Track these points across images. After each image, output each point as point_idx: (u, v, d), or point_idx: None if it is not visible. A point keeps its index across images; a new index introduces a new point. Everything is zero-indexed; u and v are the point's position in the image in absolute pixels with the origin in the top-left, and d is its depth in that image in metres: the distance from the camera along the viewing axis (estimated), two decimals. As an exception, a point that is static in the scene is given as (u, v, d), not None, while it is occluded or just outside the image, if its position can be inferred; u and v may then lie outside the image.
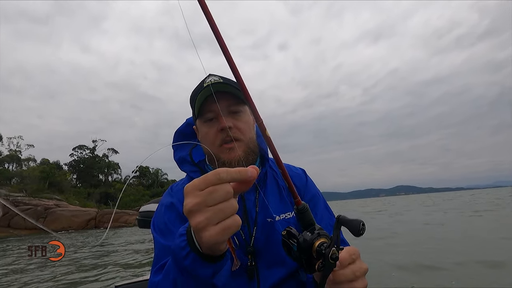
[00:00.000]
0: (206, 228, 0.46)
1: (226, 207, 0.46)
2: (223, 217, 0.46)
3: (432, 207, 22.54)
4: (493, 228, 8.87)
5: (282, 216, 0.91)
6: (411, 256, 5.94)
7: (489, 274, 4.49)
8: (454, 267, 5.00)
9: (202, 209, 0.46)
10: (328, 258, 0.57)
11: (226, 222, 0.47)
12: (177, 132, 1.05)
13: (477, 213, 14.11)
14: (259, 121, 0.64)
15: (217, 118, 0.86)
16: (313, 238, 0.61)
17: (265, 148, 0.97)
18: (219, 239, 0.47)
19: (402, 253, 6.22)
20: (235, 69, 0.60)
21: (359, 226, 0.56)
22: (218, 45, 0.58)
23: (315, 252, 0.60)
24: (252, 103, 0.63)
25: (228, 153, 0.85)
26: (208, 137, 0.87)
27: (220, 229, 0.46)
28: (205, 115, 0.87)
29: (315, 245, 0.60)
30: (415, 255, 5.93)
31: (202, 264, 0.53)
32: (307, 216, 0.64)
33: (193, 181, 0.48)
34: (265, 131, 0.64)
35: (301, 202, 0.65)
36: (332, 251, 0.57)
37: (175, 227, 0.83)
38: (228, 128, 0.83)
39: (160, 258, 0.78)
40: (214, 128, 0.86)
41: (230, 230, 0.47)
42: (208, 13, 0.56)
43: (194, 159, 0.97)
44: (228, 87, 0.85)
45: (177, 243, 0.56)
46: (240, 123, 0.88)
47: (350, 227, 0.57)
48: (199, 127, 0.91)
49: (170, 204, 0.90)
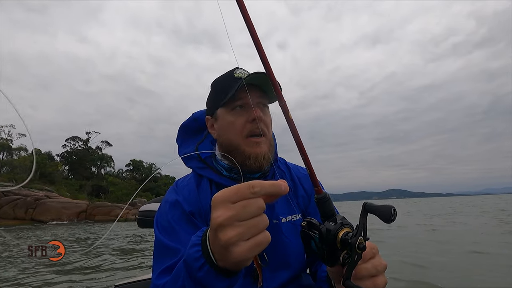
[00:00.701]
0: (237, 243, 0.44)
1: (258, 223, 0.44)
2: (255, 233, 0.44)
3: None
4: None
5: (288, 218, 0.89)
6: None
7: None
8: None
9: (234, 223, 0.43)
10: (355, 247, 0.54)
11: (257, 238, 0.44)
12: (182, 126, 1.01)
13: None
14: (283, 102, 0.61)
15: (246, 107, 0.83)
16: (337, 228, 0.58)
17: (275, 148, 0.95)
18: (249, 256, 0.45)
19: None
20: (263, 54, 0.60)
21: (390, 212, 0.52)
22: (218, 42, 0.56)
23: (340, 242, 0.57)
24: (276, 85, 0.61)
25: (254, 147, 0.82)
26: (234, 127, 0.83)
27: (251, 245, 0.44)
28: (234, 103, 0.83)
29: (340, 235, 0.57)
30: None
31: (216, 278, 0.50)
32: (327, 205, 0.61)
33: (224, 192, 0.45)
34: (289, 113, 0.61)
35: (322, 191, 0.62)
36: (359, 240, 0.54)
37: (179, 226, 0.80)
38: (259, 119, 0.81)
39: (161, 258, 0.75)
40: (243, 118, 0.83)
41: (261, 246, 0.45)
42: (243, 7, 0.57)
43: (200, 155, 0.94)
44: (263, 80, 0.82)
45: (191, 253, 0.53)
46: (267, 118, 0.86)
47: (380, 213, 0.54)
48: (222, 115, 0.86)
49: (175, 201, 0.85)
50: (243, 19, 0.61)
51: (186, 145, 0.98)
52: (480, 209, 20.51)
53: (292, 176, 0.99)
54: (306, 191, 0.97)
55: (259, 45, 0.60)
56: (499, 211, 18.78)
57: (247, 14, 0.60)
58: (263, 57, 0.61)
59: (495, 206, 22.89)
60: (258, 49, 0.60)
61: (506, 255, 5.88)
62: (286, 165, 1.03)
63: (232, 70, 0.88)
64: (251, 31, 0.60)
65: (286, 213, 0.89)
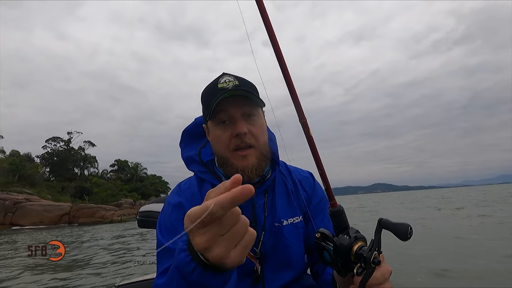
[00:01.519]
0: (228, 255, 0.44)
1: (238, 230, 0.43)
2: (239, 238, 0.44)
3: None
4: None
5: (290, 220, 0.91)
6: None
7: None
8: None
9: (216, 240, 0.43)
10: (370, 262, 0.56)
11: (244, 241, 0.44)
12: (184, 131, 1.02)
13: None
14: (303, 120, 0.62)
15: (231, 122, 0.83)
16: (351, 241, 0.60)
17: (275, 152, 0.95)
18: (242, 258, 0.45)
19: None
20: (285, 68, 0.59)
21: (406, 230, 0.54)
22: (203, 38, 0.60)
23: (354, 255, 0.59)
24: (298, 102, 0.62)
25: (241, 160, 0.82)
26: (221, 141, 0.84)
27: (241, 249, 0.44)
28: (218, 116, 0.83)
29: (354, 248, 0.59)
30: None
31: (211, 276, 0.50)
32: (341, 218, 0.63)
33: (189, 216, 0.43)
34: (309, 131, 0.62)
35: (337, 204, 0.63)
36: (374, 254, 0.56)
37: (181, 228, 0.80)
38: (244, 134, 0.81)
39: (164, 259, 0.76)
40: (228, 132, 0.83)
41: (249, 246, 0.45)
42: (263, 7, 0.57)
43: (202, 158, 0.95)
44: (244, 92, 0.82)
45: (181, 258, 0.52)
46: (255, 128, 0.84)
47: (396, 231, 0.56)
48: (211, 128, 0.87)
49: (177, 203, 0.87)
50: (262, 21, 0.59)
51: (189, 148, 0.99)
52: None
53: (293, 179, 1.01)
54: (307, 194, 0.98)
55: (278, 51, 0.60)
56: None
57: (266, 16, 0.59)
58: (283, 66, 0.60)
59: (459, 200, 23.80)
60: (277, 56, 0.60)
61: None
62: (286, 168, 1.04)
63: (217, 78, 0.88)
64: (272, 38, 0.59)
65: (287, 216, 0.91)
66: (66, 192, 47.06)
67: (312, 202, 0.97)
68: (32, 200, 34.65)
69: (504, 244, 5.91)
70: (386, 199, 40.60)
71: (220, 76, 0.87)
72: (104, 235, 15.99)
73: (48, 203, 35.20)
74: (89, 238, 14.44)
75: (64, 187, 48.69)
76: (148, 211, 1.34)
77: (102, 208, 38.12)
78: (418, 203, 24.03)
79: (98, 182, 53.54)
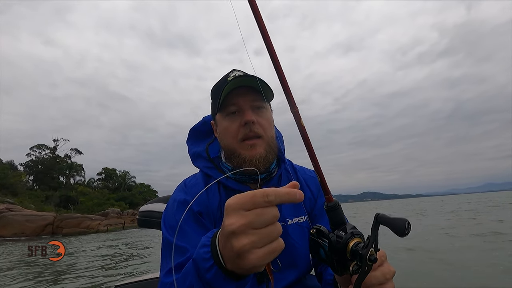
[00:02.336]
0: (250, 251, 0.43)
1: (272, 231, 0.44)
2: (269, 241, 0.44)
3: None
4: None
5: (295, 220, 0.89)
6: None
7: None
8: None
9: (248, 231, 0.43)
10: (366, 259, 0.53)
11: (271, 246, 0.44)
12: (192, 129, 1.02)
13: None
14: (295, 109, 0.59)
15: (240, 112, 0.83)
16: (347, 237, 0.57)
17: (282, 149, 0.95)
18: (262, 263, 0.44)
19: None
20: (275, 57, 0.58)
21: (404, 225, 0.52)
22: (193, 46, 0.56)
23: (350, 252, 0.56)
24: (289, 90, 0.60)
25: (249, 150, 0.81)
26: (229, 132, 0.84)
27: (265, 253, 0.43)
28: (227, 108, 0.84)
29: (350, 245, 0.56)
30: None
31: (225, 280, 0.50)
32: (338, 213, 0.60)
33: (237, 198, 0.44)
34: (301, 121, 0.60)
35: (333, 198, 0.61)
36: (370, 251, 0.54)
37: (187, 226, 0.80)
38: (252, 123, 0.80)
39: (169, 257, 0.75)
40: (237, 122, 0.83)
41: (274, 254, 0.44)
42: (256, 10, 0.55)
43: (209, 154, 0.94)
44: (253, 81, 0.81)
45: (200, 253, 0.53)
46: (263, 120, 0.84)
47: (393, 226, 0.53)
48: (219, 121, 0.87)
49: (183, 201, 0.85)
50: (255, 21, 0.58)
51: (197, 145, 0.99)
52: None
53: (298, 178, 0.99)
54: (313, 193, 0.97)
55: (271, 49, 0.58)
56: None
57: (259, 16, 0.57)
58: (275, 60, 0.58)
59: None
60: (270, 52, 0.58)
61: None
62: (292, 166, 1.03)
63: (227, 73, 0.88)
64: (264, 34, 0.57)
65: (292, 215, 0.89)
66: (50, 201, 45.50)
67: (317, 202, 0.96)
68: (14, 210, 33.31)
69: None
70: (383, 208, 40.61)
71: (230, 72, 0.88)
72: (91, 245, 15.44)
73: (31, 213, 33.90)
74: (74, 250, 13.92)
75: (48, 196, 47.08)
76: (148, 211, 1.33)
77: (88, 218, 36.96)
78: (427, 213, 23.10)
79: (84, 191, 52.05)
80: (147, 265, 6.67)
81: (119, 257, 8.65)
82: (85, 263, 7.94)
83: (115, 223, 38.27)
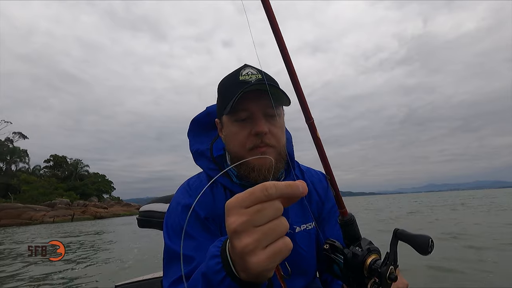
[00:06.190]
0: (254, 252, 0.38)
1: (276, 227, 0.39)
2: (273, 238, 0.39)
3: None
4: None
5: (303, 227, 0.85)
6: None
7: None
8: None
9: (250, 229, 0.38)
10: (386, 277, 0.52)
11: (276, 245, 0.39)
12: (194, 120, 0.93)
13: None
14: (310, 120, 0.56)
15: (251, 119, 0.75)
16: (364, 254, 0.55)
17: (291, 153, 0.89)
18: (268, 265, 0.39)
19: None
20: (291, 67, 0.54)
21: (427, 243, 0.51)
22: (159, 30, 0.51)
23: (367, 270, 0.54)
24: (305, 101, 0.56)
25: (259, 159, 0.74)
26: (238, 139, 0.76)
27: (270, 253, 0.38)
28: (237, 114, 0.75)
29: (367, 262, 0.54)
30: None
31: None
32: (353, 228, 0.58)
33: (237, 196, 0.40)
34: (316, 132, 0.56)
35: (348, 212, 0.58)
36: (390, 270, 0.52)
37: (192, 231, 0.73)
38: (264, 134, 0.73)
39: (174, 266, 0.70)
40: (247, 130, 0.75)
41: (280, 254, 0.39)
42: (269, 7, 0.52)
43: (213, 153, 0.87)
44: (269, 87, 0.72)
45: (211, 265, 0.48)
46: (275, 128, 0.77)
47: (415, 243, 0.52)
48: (227, 124, 0.79)
49: (188, 204, 0.78)
50: (268, 20, 0.54)
51: (199, 140, 0.92)
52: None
53: (306, 181, 0.94)
54: (320, 197, 0.92)
55: (286, 54, 0.54)
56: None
57: (273, 17, 0.54)
58: (290, 67, 0.55)
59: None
60: (285, 59, 0.55)
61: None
62: (299, 168, 0.98)
63: (239, 69, 0.80)
64: (278, 38, 0.54)
65: (300, 222, 0.85)
66: (-15, 189, 40.66)
67: (325, 206, 0.91)
68: None
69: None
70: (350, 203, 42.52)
71: (242, 68, 0.79)
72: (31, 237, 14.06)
73: (-39, 202, 29.99)
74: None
75: (-16, 184, 42.04)
76: (148, 210, 1.27)
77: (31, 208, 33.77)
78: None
79: (28, 179, 47.27)
80: (147, 265, 6.27)
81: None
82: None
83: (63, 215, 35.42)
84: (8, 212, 31.30)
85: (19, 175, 48.58)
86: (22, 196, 41.78)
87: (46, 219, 32.57)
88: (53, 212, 35.29)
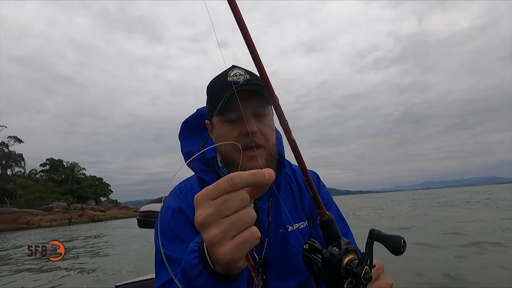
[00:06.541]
0: (221, 242, 0.40)
1: (242, 216, 0.40)
2: (240, 228, 0.40)
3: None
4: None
5: (295, 226, 0.86)
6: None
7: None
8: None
9: (216, 220, 0.39)
10: (361, 277, 0.52)
11: (243, 235, 0.40)
12: (184, 123, 0.95)
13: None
14: (284, 123, 0.56)
15: (240, 120, 0.76)
16: (341, 254, 0.56)
17: (281, 152, 0.90)
18: (235, 255, 0.40)
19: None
20: (260, 65, 0.52)
21: (399, 244, 0.51)
22: (154, 32, 0.50)
23: (344, 270, 0.55)
24: (278, 103, 0.56)
25: (250, 161, 0.76)
26: (228, 139, 0.77)
27: (237, 243, 0.39)
28: (227, 115, 0.77)
29: (344, 262, 0.55)
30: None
31: (216, 285, 0.47)
32: (332, 228, 0.58)
33: (204, 189, 0.41)
34: (291, 134, 0.57)
35: (326, 212, 0.59)
36: (365, 269, 0.53)
37: (182, 235, 0.74)
38: (254, 133, 0.75)
39: (164, 268, 0.72)
40: (236, 131, 0.77)
41: (248, 244, 0.40)
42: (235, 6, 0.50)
43: (204, 156, 0.87)
44: (257, 87, 0.75)
45: (188, 260, 0.50)
46: (265, 128, 0.79)
47: (388, 243, 0.53)
48: (217, 125, 0.80)
49: (178, 208, 0.79)
50: (235, 19, 0.53)
51: (190, 142, 0.93)
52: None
53: (297, 180, 0.95)
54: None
55: (255, 53, 0.53)
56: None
57: (239, 14, 0.53)
58: (259, 65, 0.53)
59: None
60: (253, 57, 0.53)
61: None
62: (291, 168, 0.98)
63: (226, 70, 0.81)
64: (245, 36, 0.52)
65: (292, 221, 0.86)
66: (-19, 194, 40.26)
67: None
68: None
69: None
70: (349, 202, 42.60)
71: (230, 69, 0.81)
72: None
73: (-44, 208, 29.69)
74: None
75: (-21, 189, 41.62)
76: (148, 211, 1.30)
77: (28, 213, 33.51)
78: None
79: (24, 183, 46.95)
80: (146, 266, 6.25)
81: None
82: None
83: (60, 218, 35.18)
84: (5, 217, 31.01)
85: (15, 179, 48.20)
86: (18, 201, 41.44)
87: (43, 223, 32.33)
88: (50, 216, 35.04)
